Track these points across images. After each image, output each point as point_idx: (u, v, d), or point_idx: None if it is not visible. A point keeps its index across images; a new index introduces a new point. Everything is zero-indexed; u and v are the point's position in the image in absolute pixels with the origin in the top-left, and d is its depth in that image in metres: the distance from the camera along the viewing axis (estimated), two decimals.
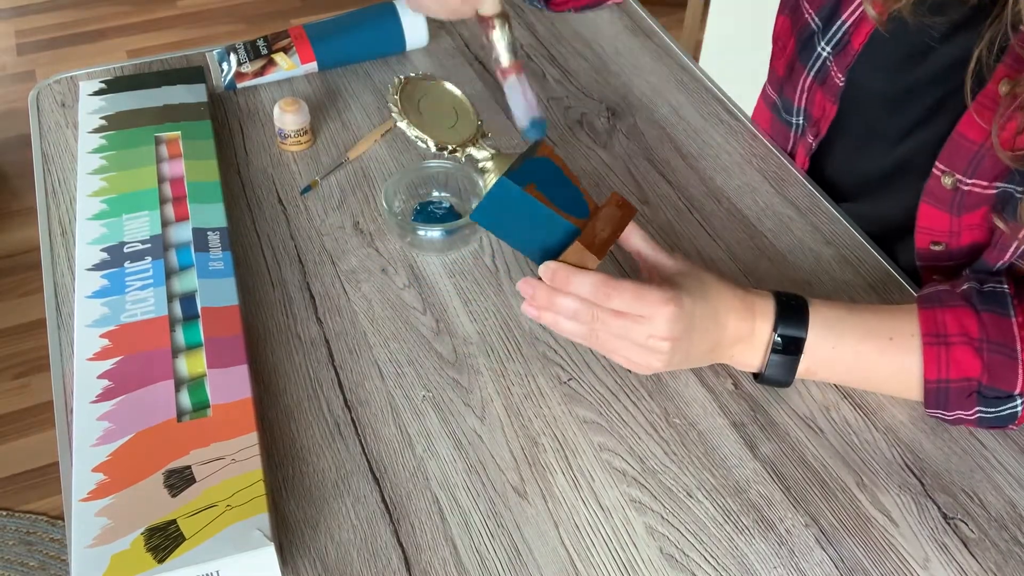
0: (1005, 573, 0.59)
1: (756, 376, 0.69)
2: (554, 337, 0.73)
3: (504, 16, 0.68)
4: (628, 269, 0.78)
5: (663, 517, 0.62)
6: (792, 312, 0.65)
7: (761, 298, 0.66)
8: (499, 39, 0.68)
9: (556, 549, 0.60)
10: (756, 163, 0.90)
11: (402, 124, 0.69)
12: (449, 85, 0.75)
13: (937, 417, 0.66)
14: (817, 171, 0.90)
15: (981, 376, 0.63)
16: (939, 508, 0.63)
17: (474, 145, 0.71)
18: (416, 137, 0.69)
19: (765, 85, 0.95)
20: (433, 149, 0.68)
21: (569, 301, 0.62)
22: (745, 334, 0.65)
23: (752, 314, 0.65)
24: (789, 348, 0.65)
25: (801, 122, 0.88)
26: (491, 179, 0.69)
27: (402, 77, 0.71)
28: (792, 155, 0.91)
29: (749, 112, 0.97)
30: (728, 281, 0.66)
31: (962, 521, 0.62)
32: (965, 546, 0.61)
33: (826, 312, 0.65)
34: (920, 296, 0.67)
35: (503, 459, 0.65)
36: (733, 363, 0.68)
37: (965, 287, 0.66)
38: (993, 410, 0.64)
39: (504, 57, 0.68)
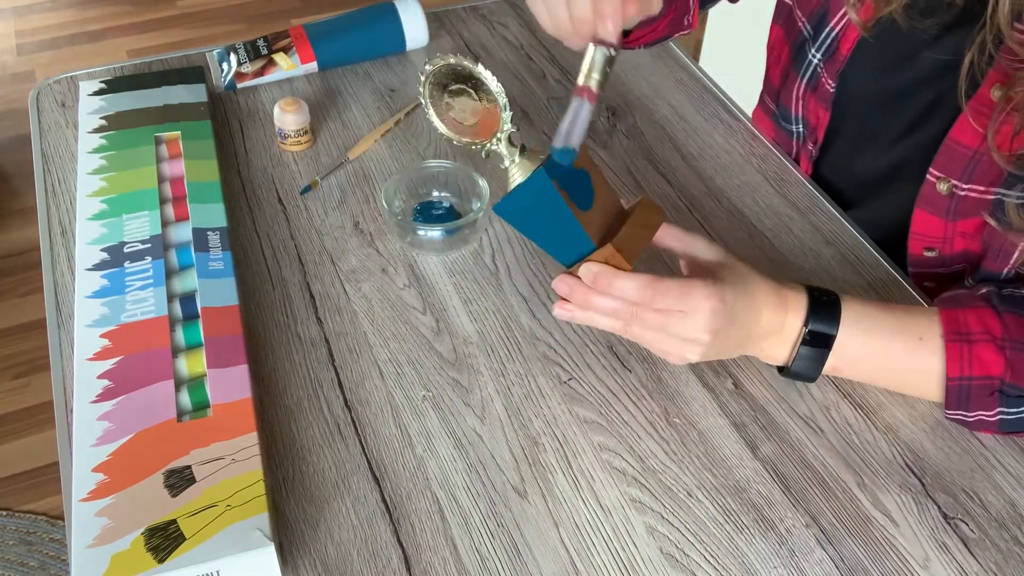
0: (1005, 573, 0.59)
1: (781, 369, 0.68)
2: (554, 337, 0.73)
3: (612, 55, 0.63)
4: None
5: (663, 517, 0.62)
6: (824, 307, 0.64)
7: (794, 292, 0.65)
8: (593, 60, 0.62)
9: (556, 549, 0.60)
10: (756, 163, 0.90)
11: (431, 115, 0.65)
12: (481, 69, 0.69)
13: (958, 419, 0.66)
14: (817, 177, 0.90)
15: (1004, 374, 0.63)
16: (939, 508, 0.63)
17: (502, 133, 0.67)
18: (443, 135, 0.66)
19: (762, 95, 0.95)
20: (458, 142, 0.65)
21: (608, 301, 0.61)
22: (776, 327, 0.65)
23: (785, 308, 0.64)
24: (819, 343, 0.65)
25: (801, 130, 0.88)
26: (515, 175, 0.66)
27: (435, 62, 0.67)
28: (796, 162, 0.91)
29: (749, 113, 0.97)
30: (762, 273, 0.66)
31: (962, 521, 0.62)
32: (965, 546, 0.61)
33: (858, 308, 0.65)
34: (940, 299, 0.67)
35: (503, 459, 0.65)
36: (762, 356, 0.67)
37: (984, 291, 0.66)
38: (1014, 410, 0.64)
39: (583, 77, 0.63)
